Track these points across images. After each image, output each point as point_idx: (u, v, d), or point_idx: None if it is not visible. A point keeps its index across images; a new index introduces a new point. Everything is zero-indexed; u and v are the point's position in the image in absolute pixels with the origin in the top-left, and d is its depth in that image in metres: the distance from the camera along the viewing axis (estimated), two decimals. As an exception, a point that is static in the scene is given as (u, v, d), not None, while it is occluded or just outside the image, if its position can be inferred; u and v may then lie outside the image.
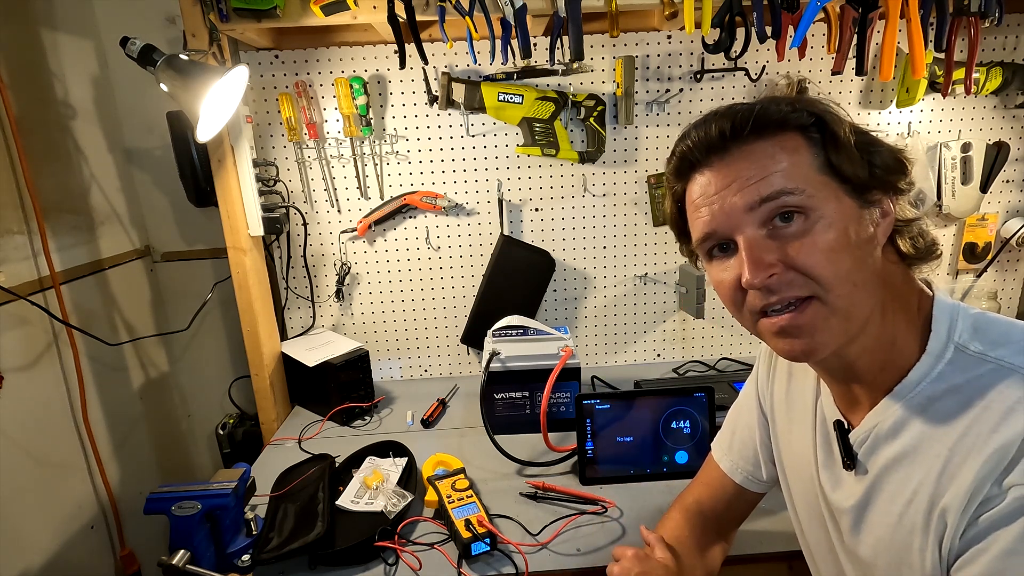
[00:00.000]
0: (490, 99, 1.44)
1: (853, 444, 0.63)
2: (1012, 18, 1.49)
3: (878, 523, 0.60)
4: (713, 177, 0.58)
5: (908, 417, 0.57)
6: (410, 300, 1.63)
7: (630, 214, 1.59)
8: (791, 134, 0.56)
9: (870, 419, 0.61)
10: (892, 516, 0.58)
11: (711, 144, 0.57)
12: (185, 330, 1.62)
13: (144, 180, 1.59)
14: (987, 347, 0.55)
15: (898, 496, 0.58)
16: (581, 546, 0.97)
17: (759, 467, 0.82)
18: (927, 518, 0.55)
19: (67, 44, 1.39)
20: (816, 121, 0.56)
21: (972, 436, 0.52)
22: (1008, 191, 1.61)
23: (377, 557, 0.96)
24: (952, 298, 0.59)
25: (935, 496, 0.54)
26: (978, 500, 0.50)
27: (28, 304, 1.18)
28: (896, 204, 0.58)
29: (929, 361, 0.56)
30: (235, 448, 1.59)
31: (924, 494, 0.55)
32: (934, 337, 0.56)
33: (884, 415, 0.59)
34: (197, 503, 0.94)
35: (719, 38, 1.18)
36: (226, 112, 1.16)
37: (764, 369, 0.82)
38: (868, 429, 0.61)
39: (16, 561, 1.15)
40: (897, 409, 0.58)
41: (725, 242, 0.59)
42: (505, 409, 1.33)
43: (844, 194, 0.55)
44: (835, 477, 0.66)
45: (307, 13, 1.19)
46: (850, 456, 0.63)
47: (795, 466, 0.75)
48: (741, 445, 0.84)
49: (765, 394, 0.81)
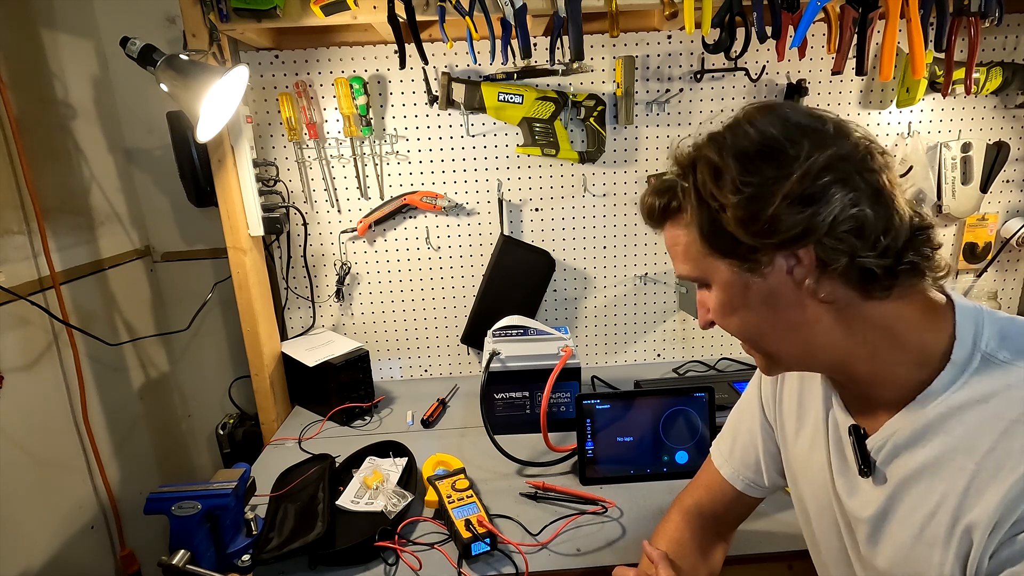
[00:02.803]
0: (490, 99, 1.44)
1: (871, 451, 0.61)
2: (1012, 18, 1.49)
3: (897, 535, 0.59)
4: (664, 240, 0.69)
5: (931, 427, 0.55)
6: (410, 300, 1.63)
7: (630, 214, 1.59)
8: (678, 219, 0.64)
9: (889, 426, 0.59)
10: (912, 529, 0.57)
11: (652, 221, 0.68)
12: (185, 330, 1.62)
13: (144, 180, 1.59)
14: (1015, 355, 0.53)
15: (919, 508, 0.56)
16: (581, 546, 0.97)
17: (761, 474, 0.82)
18: (949, 533, 0.53)
19: (67, 44, 1.39)
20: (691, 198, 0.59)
21: (1002, 451, 0.50)
22: (1008, 191, 1.61)
23: (377, 557, 0.96)
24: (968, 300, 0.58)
25: (959, 511, 0.52)
26: (1011, 520, 0.49)
27: (28, 304, 1.18)
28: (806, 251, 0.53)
29: (954, 371, 0.55)
30: (235, 448, 1.59)
31: (947, 508, 0.53)
32: (959, 346, 0.55)
33: (903, 423, 0.58)
34: (197, 503, 0.94)
35: (719, 38, 1.17)
36: (226, 112, 1.16)
37: (769, 377, 0.80)
38: (886, 436, 0.59)
39: (16, 561, 1.15)
40: (919, 418, 0.56)
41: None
42: (505, 409, 1.33)
43: (729, 264, 0.59)
44: (851, 484, 0.65)
45: (307, 13, 1.19)
46: (866, 463, 0.61)
47: (807, 473, 0.73)
48: (743, 452, 0.83)
49: (771, 401, 0.79)
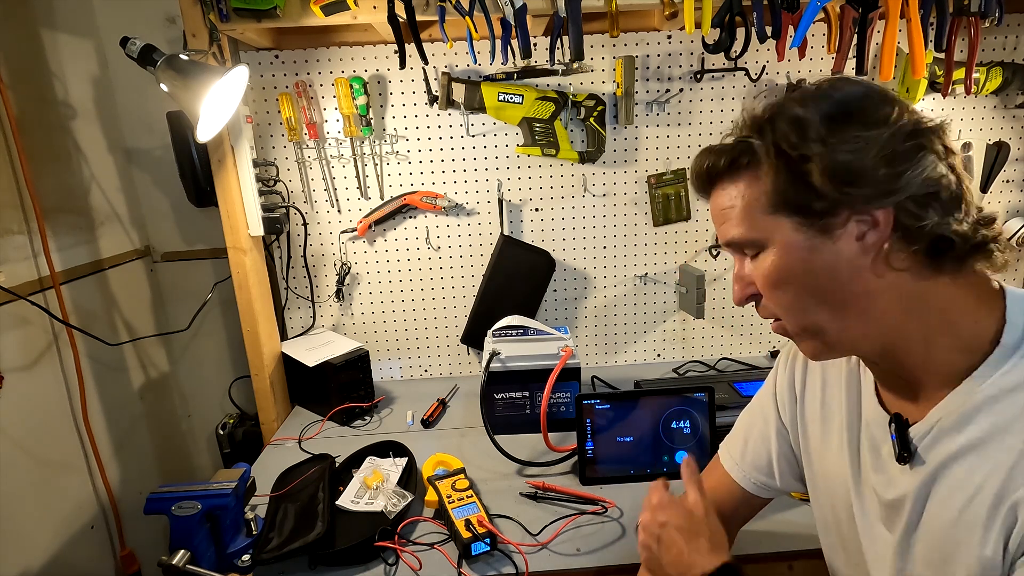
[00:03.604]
0: (490, 99, 1.44)
1: (913, 438, 0.60)
2: (1012, 18, 1.49)
3: (937, 517, 0.58)
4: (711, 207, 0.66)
5: (977, 409, 0.55)
6: (410, 300, 1.63)
7: (630, 214, 1.59)
8: (744, 174, 0.60)
9: (935, 412, 0.58)
10: (952, 510, 0.56)
11: (701, 183, 0.66)
12: (185, 330, 1.62)
13: (144, 180, 1.59)
14: None
15: (960, 489, 0.55)
16: (581, 546, 0.97)
17: (773, 477, 0.80)
18: (993, 511, 0.53)
19: (67, 44, 1.39)
20: (768, 152, 0.57)
21: None
22: (1008, 191, 1.61)
23: (377, 557, 0.96)
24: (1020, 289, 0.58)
25: (1005, 489, 0.52)
26: None
27: (28, 304, 1.18)
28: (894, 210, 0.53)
29: (1004, 353, 0.54)
30: (235, 448, 1.59)
31: (992, 486, 0.53)
32: (1009, 328, 0.54)
33: (949, 407, 0.57)
34: (197, 503, 0.94)
35: (719, 38, 1.18)
36: (226, 112, 1.16)
37: (786, 379, 0.78)
38: (932, 423, 0.58)
39: (16, 561, 1.15)
40: (966, 401, 0.55)
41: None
42: (505, 409, 1.33)
43: (793, 225, 0.57)
44: (888, 476, 0.63)
45: (307, 13, 1.19)
46: (906, 448, 0.60)
47: (832, 473, 0.72)
48: (754, 455, 0.82)
49: (788, 403, 0.78)
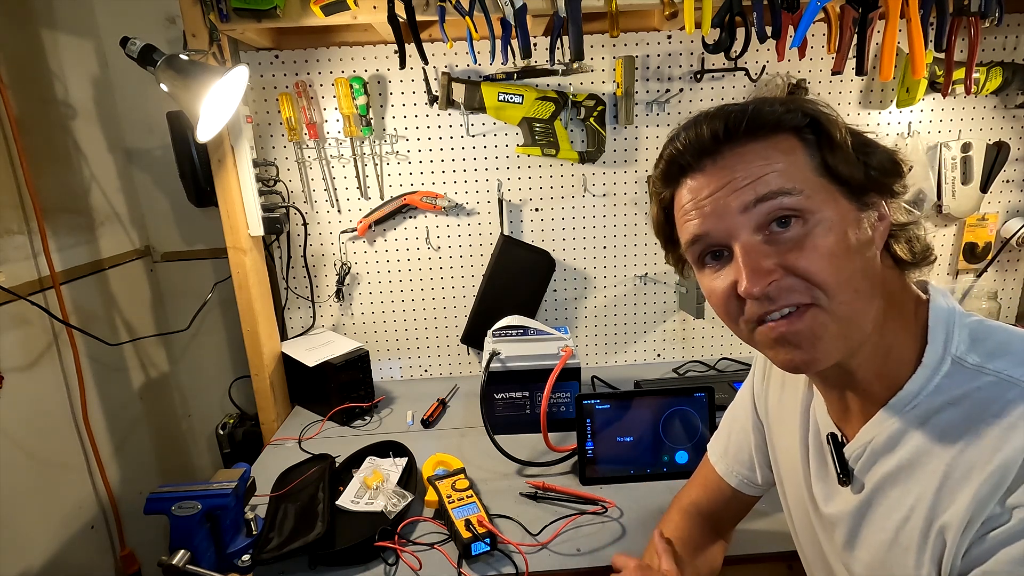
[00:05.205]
0: (490, 99, 1.44)
1: (848, 459, 0.61)
2: (1012, 18, 1.49)
3: (873, 539, 0.59)
4: (705, 181, 0.55)
5: (905, 430, 0.56)
6: (410, 300, 1.63)
7: (630, 214, 1.59)
8: (786, 135, 0.54)
9: (865, 432, 0.59)
10: (887, 532, 0.57)
11: (703, 147, 0.55)
12: (185, 330, 1.62)
13: (144, 180, 1.59)
14: (984, 359, 0.53)
15: (894, 512, 0.56)
16: (581, 546, 0.97)
17: (754, 471, 0.82)
18: (924, 535, 0.53)
19: (67, 44, 1.39)
20: (811, 122, 0.54)
21: (972, 452, 0.51)
22: (1008, 191, 1.61)
23: (377, 557, 0.96)
24: (949, 299, 0.58)
25: (933, 513, 0.53)
26: (980, 519, 0.49)
27: (28, 304, 1.18)
28: (892, 207, 0.57)
29: (926, 373, 0.54)
30: (235, 448, 1.59)
31: (921, 510, 0.53)
32: (930, 348, 0.55)
33: (879, 428, 0.58)
34: (197, 503, 0.94)
35: (719, 38, 1.17)
36: (226, 112, 1.16)
37: (759, 374, 0.81)
38: (864, 443, 0.59)
39: (16, 561, 1.15)
40: (894, 422, 0.56)
41: (718, 248, 0.56)
42: (505, 409, 1.33)
43: (841, 196, 0.54)
44: (828, 490, 0.65)
45: (307, 13, 1.19)
46: (845, 471, 0.61)
47: (789, 474, 0.74)
48: (736, 449, 0.83)
49: (761, 398, 0.80)
